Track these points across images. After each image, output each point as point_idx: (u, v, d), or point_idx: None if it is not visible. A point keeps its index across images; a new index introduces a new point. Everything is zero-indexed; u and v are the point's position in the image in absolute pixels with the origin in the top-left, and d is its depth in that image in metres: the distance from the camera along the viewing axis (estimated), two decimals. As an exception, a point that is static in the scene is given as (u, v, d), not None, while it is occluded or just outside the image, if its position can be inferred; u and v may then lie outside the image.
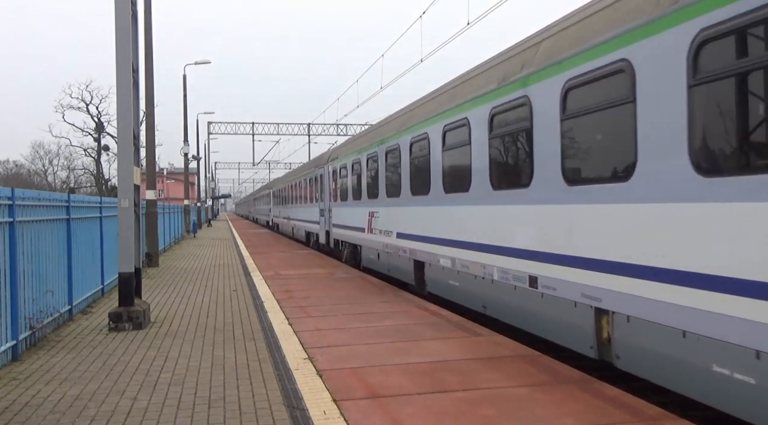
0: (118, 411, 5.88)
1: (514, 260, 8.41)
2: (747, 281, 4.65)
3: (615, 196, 6.19)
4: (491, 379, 6.62)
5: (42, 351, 8.45)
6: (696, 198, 5.18)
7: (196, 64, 40.87)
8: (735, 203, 4.81)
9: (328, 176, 22.33)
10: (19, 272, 8.24)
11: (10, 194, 8.12)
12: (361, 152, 17.09)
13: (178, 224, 36.51)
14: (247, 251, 26.62)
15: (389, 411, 5.69)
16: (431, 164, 11.55)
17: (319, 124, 59.49)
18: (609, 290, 6.27)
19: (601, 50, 6.46)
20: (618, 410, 5.59)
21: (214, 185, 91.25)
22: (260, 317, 10.59)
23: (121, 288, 10.20)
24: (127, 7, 10.44)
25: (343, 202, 19.57)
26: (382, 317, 10.42)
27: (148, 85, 20.66)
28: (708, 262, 5.03)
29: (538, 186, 7.76)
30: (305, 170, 29.61)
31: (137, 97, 11.41)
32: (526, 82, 8.06)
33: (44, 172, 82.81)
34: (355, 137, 19.94)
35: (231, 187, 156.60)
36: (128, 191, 10.38)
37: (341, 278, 16.01)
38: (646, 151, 5.75)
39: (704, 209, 5.09)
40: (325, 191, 22.94)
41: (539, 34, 8.28)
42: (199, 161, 60.48)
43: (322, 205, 23.40)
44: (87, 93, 67.56)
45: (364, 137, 17.59)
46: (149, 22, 20.79)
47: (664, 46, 5.56)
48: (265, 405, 5.94)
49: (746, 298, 4.65)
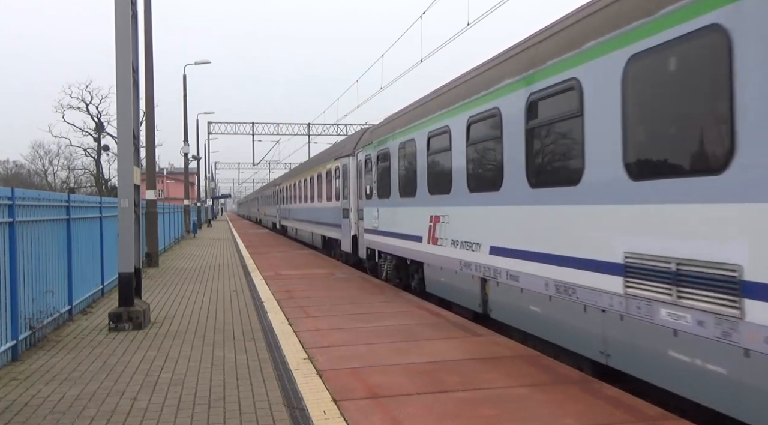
0: (118, 411, 5.88)
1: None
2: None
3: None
4: (491, 379, 6.62)
5: (42, 351, 8.45)
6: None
7: (196, 64, 40.86)
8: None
9: (356, 168, 17.98)
10: (19, 272, 8.23)
11: (10, 194, 8.12)
12: (416, 129, 12.30)
13: (178, 224, 36.51)
14: (247, 251, 26.62)
15: (389, 411, 5.68)
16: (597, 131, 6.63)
17: (319, 124, 59.50)
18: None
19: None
20: (618, 410, 5.59)
21: (214, 185, 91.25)
22: (260, 318, 10.59)
23: (121, 288, 10.20)
24: (127, 7, 10.44)
25: (383, 200, 14.90)
26: (382, 317, 10.42)
27: (148, 85, 20.66)
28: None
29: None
30: (321, 162, 24.80)
31: (137, 97, 11.41)
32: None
33: (44, 172, 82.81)
34: (403, 112, 14.02)
35: (231, 187, 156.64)
36: (128, 191, 10.38)
37: (341, 278, 16.00)
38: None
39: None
40: (349, 186, 18.67)
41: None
42: (199, 161, 60.49)
43: (346, 204, 19.16)
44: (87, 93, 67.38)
45: (423, 108, 12.27)
46: (149, 22, 20.80)
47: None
48: (265, 405, 5.93)
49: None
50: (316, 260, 21.81)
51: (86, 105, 59.33)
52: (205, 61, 41.05)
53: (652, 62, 5.72)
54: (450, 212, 10.64)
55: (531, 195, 7.98)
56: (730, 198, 4.90)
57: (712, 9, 5.05)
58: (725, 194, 4.94)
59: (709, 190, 5.09)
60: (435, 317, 10.30)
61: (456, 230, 10.38)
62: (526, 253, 8.13)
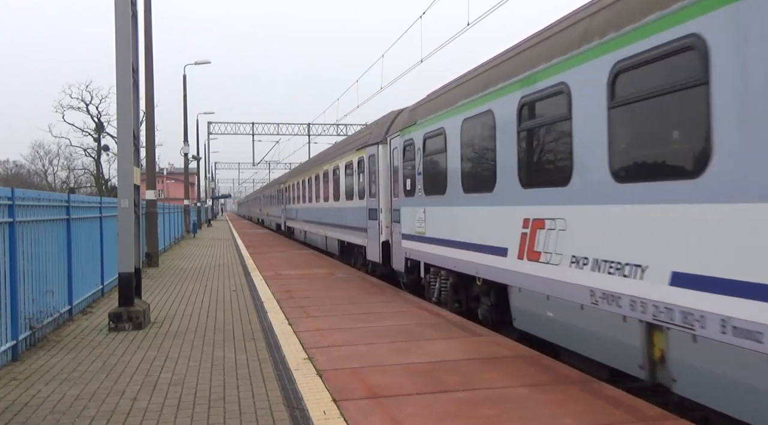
0: (118, 411, 5.88)
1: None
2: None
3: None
4: (491, 379, 6.62)
5: (42, 351, 8.45)
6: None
7: (196, 64, 40.86)
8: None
9: (387, 158, 14.97)
10: (19, 272, 8.23)
11: (10, 194, 8.12)
12: (499, 96, 8.83)
13: (178, 224, 36.52)
14: (247, 251, 26.62)
15: (389, 411, 5.68)
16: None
17: (319, 124, 59.54)
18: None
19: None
20: (618, 410, 5.59)
21: (214, 185, 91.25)
22: (260, 318, 10.59)
23: (121, 288, 10.20)
24: (127, 7, 10.44)
25: (433, 197, 11.52)
26: (382, 317, 10.42)
27: (148, 85, 20.66)
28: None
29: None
30: (338, 155, 21.29)
31: (137, 97, 11.41)
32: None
33: (44, 172, 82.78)
34: (466, 78, 10.58)
35: (231, 187, 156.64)
36: (128, 191, 10.38)
37: (341, 278, 16.00)
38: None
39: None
40: (378, 181, 15.50)
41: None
42: (199, 161, 60.50)
43: (373, 203, 15.94)
44: (87, 93, 67.29)
45: (511, 63, 8.75)
46: (149, 22, 20.80)
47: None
48: (265, 405, 5.93)
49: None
50: (316, 260, 21.81)
51: (86, 105, 59.35)
52: (205, 61, 41.06)
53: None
54: (570, 215, 7.15)
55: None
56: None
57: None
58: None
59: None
60: (435, 317, 10.30)
61: (584, 241, 6.89)
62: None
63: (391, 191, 14.54)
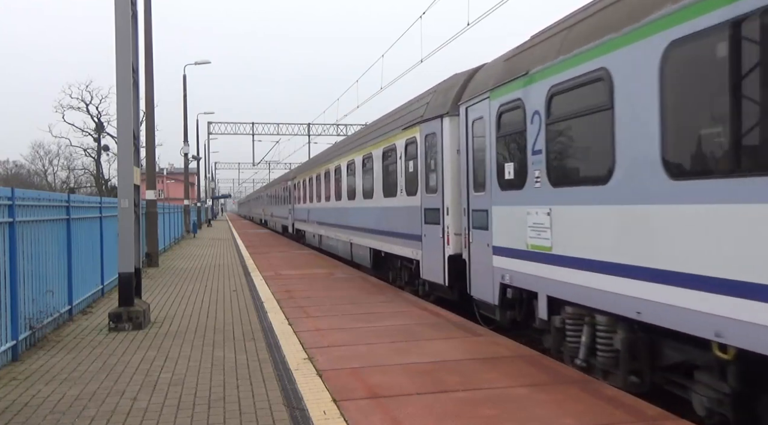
0: (118, 411, 5.88)
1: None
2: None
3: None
4: (491, 379, 6.62)
5: (42, 351, 8.45)
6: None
7: (196, 64, 40.84)
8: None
9: (456, 138, 10.92)
10: (19, 272, 8.23)
11: (10, 194, 8.12)
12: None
13: (178, 224, 36.51)
14: (247, 251, 26.62)
15: (389, 411, 5.69)
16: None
17: (319, 124, 59.56)
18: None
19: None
20: (618, 410, 5.59)
21: (214, 185, 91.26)
22: (260, 318, 10.59)
23: (121, 288, 10.20)
24: (127, 7, 10.44)
25: (573, 189, 7.18)
26: (382, 317, 10.42)
27: (148, 85, 20.66)
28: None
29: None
30: (375, 137, 16.28)
31: (137, 98, 11.41)
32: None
33: (44, 172, 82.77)
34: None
35: (231, 187, 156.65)
36: (128, 191, 10.38)
37: (341, 278, 16.00)
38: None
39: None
40: (441, 170, 11.29)
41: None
42: (199, 161, 60.51)
43: (433, 200, 11.67)
44: (87, 93, 67.25)
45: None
46: (149, 23, 20.80)
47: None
48: (265, 405, 5.93)
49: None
50: (316, 260, 21.81)
51: (86, 105, 59.32)
52: (205, 61, 41.05)
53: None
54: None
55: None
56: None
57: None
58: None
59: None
60: (435, 317, 10.30)
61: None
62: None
63: (468, 182, 10.23)
